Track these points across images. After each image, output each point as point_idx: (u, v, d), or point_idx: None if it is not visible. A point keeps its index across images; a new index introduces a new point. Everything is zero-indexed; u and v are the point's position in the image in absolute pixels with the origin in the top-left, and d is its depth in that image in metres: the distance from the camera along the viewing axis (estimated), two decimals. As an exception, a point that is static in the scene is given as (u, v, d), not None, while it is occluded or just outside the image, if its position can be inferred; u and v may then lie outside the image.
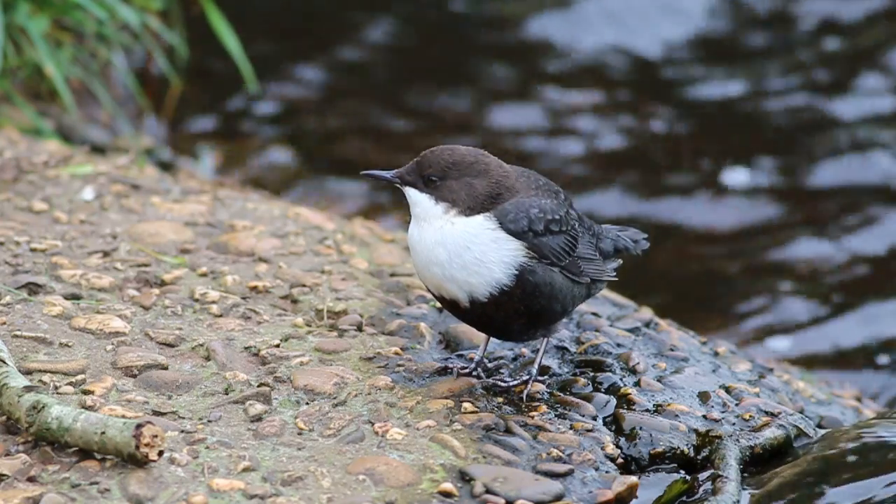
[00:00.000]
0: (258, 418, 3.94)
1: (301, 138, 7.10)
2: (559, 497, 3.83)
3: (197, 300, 4.42)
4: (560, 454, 3.95)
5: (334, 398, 4.05)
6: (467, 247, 3.97)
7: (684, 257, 6.48)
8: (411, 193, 4.03)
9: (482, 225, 3.98)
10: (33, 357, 4.09)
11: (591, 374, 4.29)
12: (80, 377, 4.02)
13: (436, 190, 4.01)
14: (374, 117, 7.26)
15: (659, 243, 5.87)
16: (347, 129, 7.18)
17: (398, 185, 4.05)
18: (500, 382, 4.16)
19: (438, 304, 4.38)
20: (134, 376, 4.06)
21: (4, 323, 4.20)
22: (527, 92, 7.41)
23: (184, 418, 3.92)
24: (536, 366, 4.17)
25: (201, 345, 4.20)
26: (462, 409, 4.04)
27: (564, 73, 7.53)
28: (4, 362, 3.89)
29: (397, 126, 7.21)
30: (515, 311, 4.01)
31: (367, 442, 3.91)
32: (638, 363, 4.35)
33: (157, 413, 3.92)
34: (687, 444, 4.11)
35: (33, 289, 4.38)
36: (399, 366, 4.20)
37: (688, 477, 4.05)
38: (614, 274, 4.22)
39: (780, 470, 4.04)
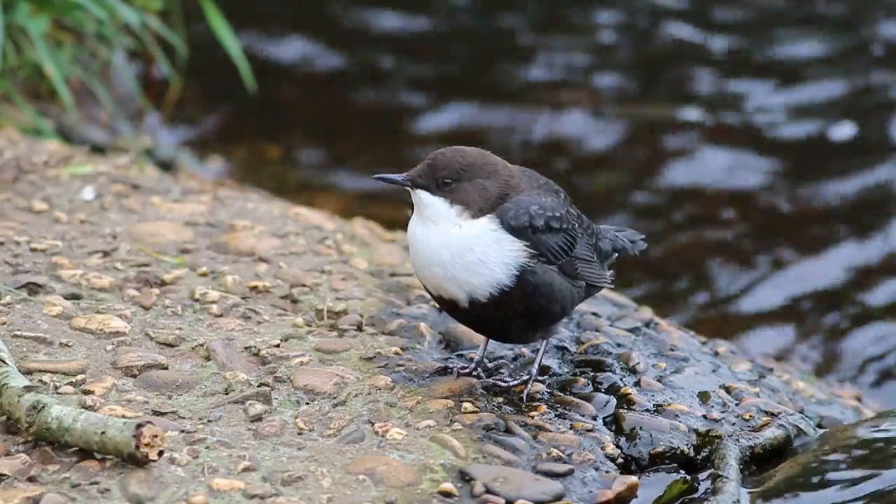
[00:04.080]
0: (258, 418, 3.94)
1: (301, 136, 7.10)
2: (559, 497, 3.83)
3: (197, 300, 4.42)
4: (560, 454, 3.95)
5: (334, 398, 4.05)
6: (471, 248, 3.97)
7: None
8: (423, 196, 4.01)
9: (486, 226, 3.98)
10: (33, 357, 4.09)
11: (591, 374, 4.29)
12: (80, 377, 4.02)
13: (450, 193, 3.99)
14: (377, 114, 7.26)
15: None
16: (349, 127, 7.18)
17: (409, 188, 4.02)
18: (500, 382, 4.16)
19: (437, 305, 4.38)
20: (134, 376, 4.06)
21: (4, 323, 4.20)
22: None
23: (184, 418, 3.92)
24: (536, 366, 4.17)
25: (201, 345, 4.20)
26: (462, 409, 4.04)
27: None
28: (4, 362, 3.90)
29: (400, 123, 7.21)
30: (515, 311, 4.01)
31: (367, 442, 3.91)
32: (638, 363, 4.36)
33: (157, 413, 3.92)
34: (687, 444, 4.11)
35: (33, 289, 4.38)
36: (399, 366, 4.20)
37: (688, 477, 4.06)
38: (610, 281, 4.22)
39: (780, 469, 4.05)
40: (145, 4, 6.13)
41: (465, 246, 3.97)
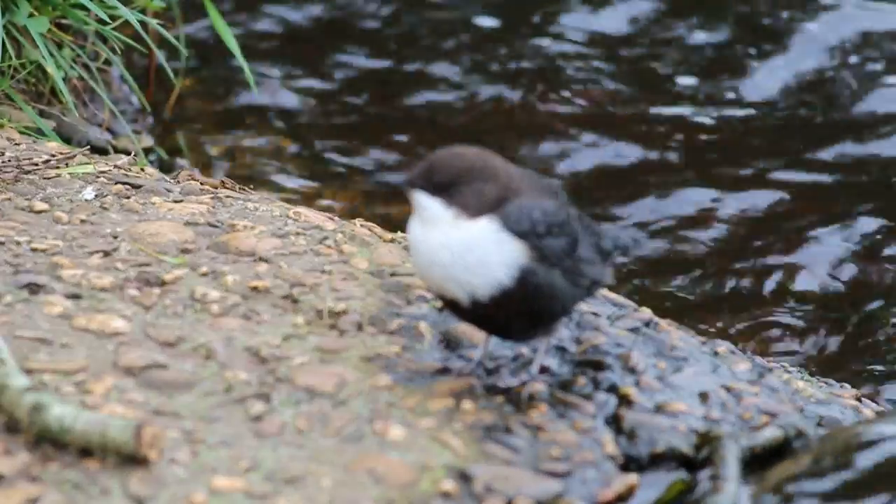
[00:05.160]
0: (258, 418, 3.95)
1: (302, 136, 7.10)
2: (559, 496, 3.84)
3: (197, 300, 4.42)
4: (560, 454, 3.96)
5: (334, 398, 4.05)
6: (471, 249, 3.97)
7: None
8: (421, 198, 4.01)
9: (486, 227, 3.98)
10: (34, 357, 4.09)
11: (591, 373, 4.30)
12: (80, 377, 4.02)
13: (447, 195, 4.00)
14: (379, 114, 7.25)
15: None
16: (350, 126, 7.18)
17: (407, 190, 4.03)
18: (500, 382, 4.16)
19: (439, 304, 4.38)
20: (134, 376, 4.06)
21: (5, 323, 4.20)
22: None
23: (184, 418, 3.92)
24: (536, 365, 4.17)
25: (202, 345, 4.20)
26: (462, 409, 4.05)
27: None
28: (5, 362, 3.90)
29: (402, 122, 7.21)
30: (516, 311, 4.01)
31: (367, 442, 3.91)
32: (638, 363, 4.36)
33: (157, 413, 3.92)
34: (687, 444, 4.11)
35: (34, 289, 4.38)
36: (399, 366, 4.20)
37: (688, 477, 4.06)
38: (611, 278, 4.23)
39: (780, 469, 4.05)
40: (145, 4, 6.13)
41: (466, 247, 3.97)
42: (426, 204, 4.01)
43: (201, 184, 5.18)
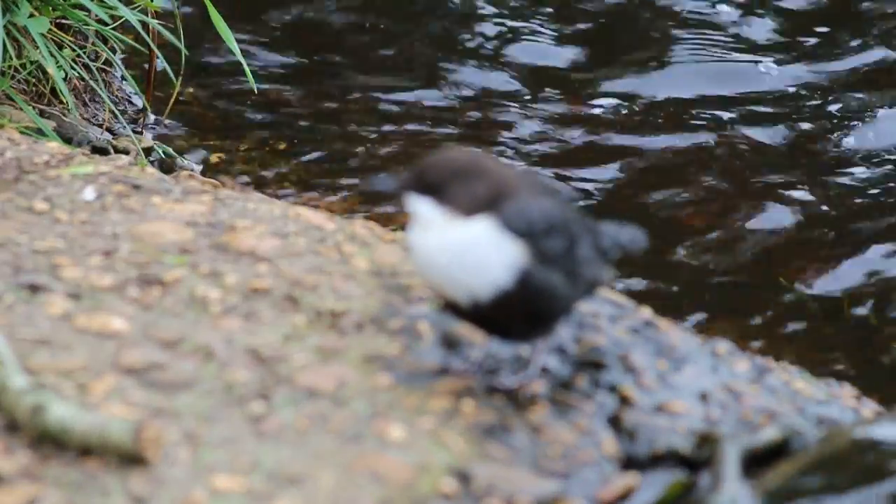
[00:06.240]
0: (258, 418, 3.95)
1: (303, 136, 7.10)
2: (559, 496, 3.84)
3: (197, 300, 4.43)
4: (560, 454, 3.96)
5: (334, 398, 4.06)
6: (469, 250, 3.97)
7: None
8: (415, 202, 4.02)
9: (484, 227, 3.98)
10: (34, 357, 4.09)
11: (591, 373, 4.30)
12: (80, 377, 4.03)
13: (437, 195, 4.00)
14: (381, 115, 7.26)
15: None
16: (352, 126, 7.19)
17: (399, 195, 4.04)
18: (500, 382, 4.17)
19: (439, 305, 4.38)
20: (134, 376, 4.07)
21: (5, 324, 4.21)
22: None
23: (184, 418, 3.93)
24: (536, 365, 4.18)
25: (202, 345, 4.21)
26: (462, 409, 4.05)
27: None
28: (5, 363, 3.90)
29: (404, 124, 7.22)
30: (516, 312, 4.01)
31: (367, 442, 3.92)
32: (638, 363, 4.36)
33: (157, 413, 3.93)
34: (686, 444, 4.12)
35: (34, 289, 4.39)
36: (399, 366, 4.21)
37: (687, 477, 4.06)
38: (610, 277, 4.23)
39: (780, 470, 4.05)
40: (146, 4, 6.13)
41: (463, 248, 3.97)
42: (420, 207, 4.02)
43: (201, 184, 5.18)
